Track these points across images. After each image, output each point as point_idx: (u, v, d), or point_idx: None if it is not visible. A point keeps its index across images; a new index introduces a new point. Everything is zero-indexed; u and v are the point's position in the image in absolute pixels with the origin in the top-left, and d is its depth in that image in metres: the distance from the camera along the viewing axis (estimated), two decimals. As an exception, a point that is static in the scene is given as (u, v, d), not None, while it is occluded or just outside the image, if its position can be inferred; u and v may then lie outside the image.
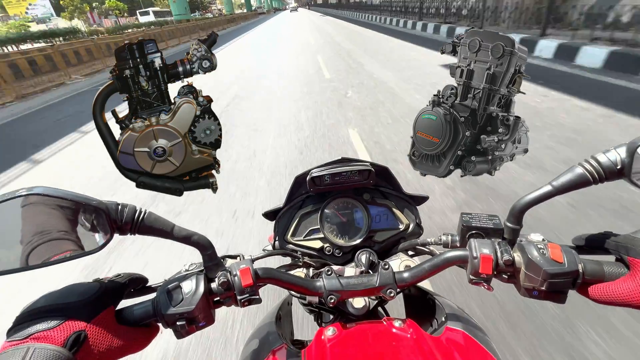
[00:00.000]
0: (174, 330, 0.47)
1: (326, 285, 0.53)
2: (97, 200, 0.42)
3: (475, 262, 0.47)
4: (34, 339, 0.36)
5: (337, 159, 0.70)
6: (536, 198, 0.46)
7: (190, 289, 0.47)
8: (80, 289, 0.43)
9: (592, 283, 0.44)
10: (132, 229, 0.44)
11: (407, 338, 0.50)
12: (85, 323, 0.39)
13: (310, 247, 0.72)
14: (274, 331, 0.64)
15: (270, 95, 6.90)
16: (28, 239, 0.41)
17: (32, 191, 0.38)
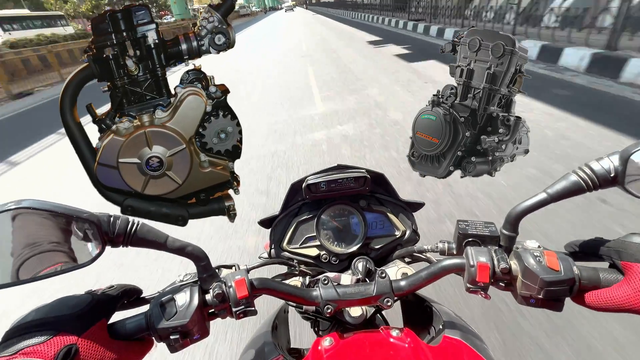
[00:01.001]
0: (167, 344, 0.47)
1: (323, 295, 0.54)
2: (88, 213, 0.43)
3: (472, 271, 0.49)
4: (24, 354, 0.37)
5: (333, 166, 0.72)
6: (531, 205, 0.48)
7: (185, 301, 0.48)
8: (71, 302, 0.44)
9: (588, 290, 0.46)
10: (124, 241, 0.45)
11: (405, 348, 0.52)
12: (76, 337, 0.40)
13: (306, 255, 0.74)
14: (270, 341, 0.65)
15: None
16: (18, 251, 0.42)
17: (20, 204, 0.39)
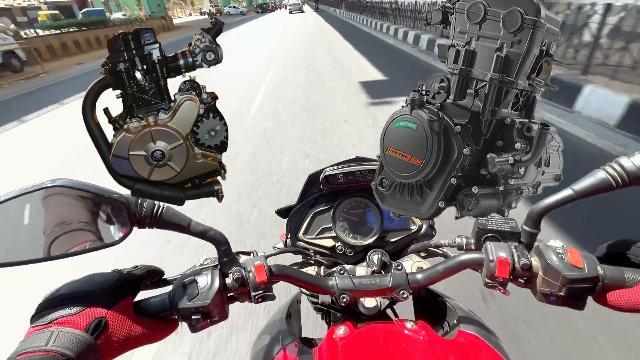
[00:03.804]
0: (188, 324, 0.48)
1: (339, 284, 0.53)
2: (117, 194, 0.44)
3: (491, 266, 0.47)
4: (58, 323, 0.38)
5: (351, 157, 0.69)
6: (556, 202, 0.45)
7: (206, 283, 0.48)
8: (100, 279, 0.44)
9: (611, 289, 0.43)
10: (150, 222, 0.46)
11: (420, 340, 0.50)
12: (106, 310, 0.41)
13: (322, 246, 0.72)
14: (285, 328, 0.64)
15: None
16: (50, 229, 0.43)
17: (55, 183, 0.40)
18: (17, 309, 1.88)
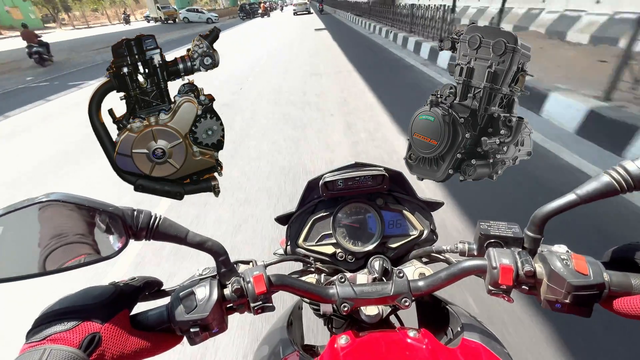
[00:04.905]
0: (187, 337, 0.47)
1: (340, 292, 0.52)
2: (113, 206, 0.42)
3: (494, 273, 0.46)
4: (51, 340, 0.37)
5: (350, 163, 0.68)
6: (559, 207, 0.44)
7: (204, 295, 0.47)
8: (95, 292, 0.43)
9: (618, 296, 0.42)
10: (147, 234, 0.44)
11: (422, 349, 0.49)
12: (100, 325, 0.40)
13: (322, 253, 0.71)
14: (286, 337, 0.63)
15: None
16: (45, 242, 0.42)
17: (49, 197, 0.39)
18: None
